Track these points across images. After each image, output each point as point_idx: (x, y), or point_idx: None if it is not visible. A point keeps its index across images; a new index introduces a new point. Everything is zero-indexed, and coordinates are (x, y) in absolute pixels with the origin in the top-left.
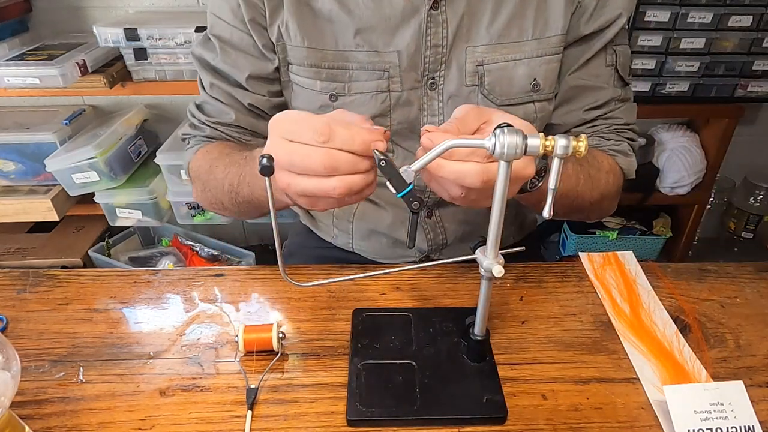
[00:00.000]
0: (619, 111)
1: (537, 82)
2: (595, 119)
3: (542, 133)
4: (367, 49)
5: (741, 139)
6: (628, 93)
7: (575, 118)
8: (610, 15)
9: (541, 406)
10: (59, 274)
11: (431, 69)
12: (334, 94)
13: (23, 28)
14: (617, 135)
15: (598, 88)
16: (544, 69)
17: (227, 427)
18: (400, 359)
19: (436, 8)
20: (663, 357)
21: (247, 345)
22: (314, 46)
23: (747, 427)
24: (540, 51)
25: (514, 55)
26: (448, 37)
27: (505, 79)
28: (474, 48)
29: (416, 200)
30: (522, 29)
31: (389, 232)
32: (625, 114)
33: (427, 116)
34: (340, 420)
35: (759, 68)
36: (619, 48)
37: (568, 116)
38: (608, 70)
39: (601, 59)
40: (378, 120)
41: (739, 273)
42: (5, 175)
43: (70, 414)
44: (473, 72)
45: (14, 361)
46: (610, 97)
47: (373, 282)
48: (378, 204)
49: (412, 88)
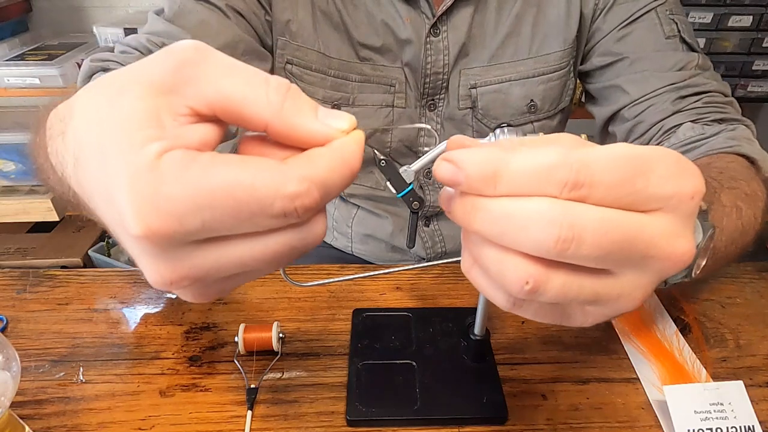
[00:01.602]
0: (702, 77)
1: (534, 102)
2: (678, 95)
3: (542, 133)
4: (373, 63)
5: None
6: (707, 61)
7: (662, 103)
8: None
9: (541, 406)
10: (59, 274)
11: (431, 93)
12: (337, 104)
13: (23, 28)
14: (718, 109)
15: (663, 59)
16: (542, 89)
17: (227, 427)
18: (400, 359)
19: (436, 35)
20: (663, 357)
21: (247, 345)
22: (323, 51)
23: (747, 427)
24: (537, 70)
25: (509, 75)
26: (449, 64)
27: (499, 101)
28: (468, 70)
29: (416, 200)
30: (517, 47)
31: (389, 239)
32: (711, 80)
33: (425, 137)
34: (340, 420)
35: (759, 68)
36: (678, 17)
37: (651, 110)
38: (671, 42)
39: (654, 32)
40: (379, 136)
41: (739, 273)
42: (5, 175)
43: (70, 414)
44: (466, 95)
45: (14, 361)
46: (687, 61)
47: (373, 282)
48: (378, 214)
49: (414, 106)
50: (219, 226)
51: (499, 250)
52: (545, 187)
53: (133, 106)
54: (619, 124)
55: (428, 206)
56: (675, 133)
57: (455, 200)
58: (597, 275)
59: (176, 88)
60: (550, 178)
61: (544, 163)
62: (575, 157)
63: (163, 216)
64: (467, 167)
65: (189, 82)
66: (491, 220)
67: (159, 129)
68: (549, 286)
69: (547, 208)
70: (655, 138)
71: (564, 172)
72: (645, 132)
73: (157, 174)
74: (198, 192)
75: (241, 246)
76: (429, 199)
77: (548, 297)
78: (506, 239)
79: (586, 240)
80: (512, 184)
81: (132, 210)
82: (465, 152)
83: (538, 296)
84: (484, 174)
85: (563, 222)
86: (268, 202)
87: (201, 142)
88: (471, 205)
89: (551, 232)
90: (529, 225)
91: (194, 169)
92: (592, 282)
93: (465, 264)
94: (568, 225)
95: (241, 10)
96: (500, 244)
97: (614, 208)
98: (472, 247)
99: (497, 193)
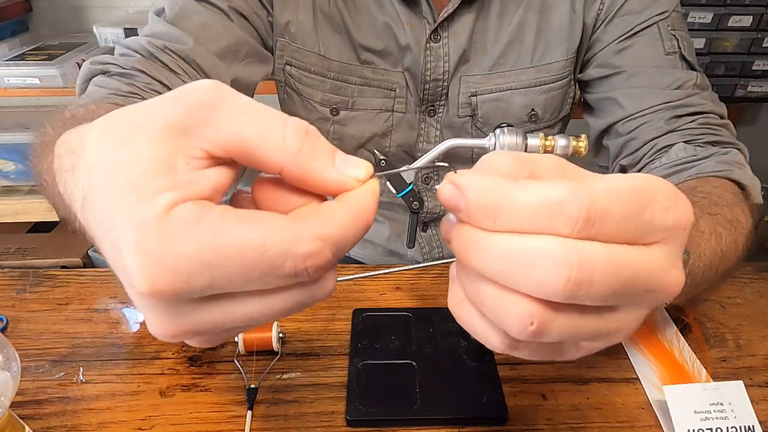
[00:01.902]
0: (699, 97)
1: (534, 111)
2: (673, 114)
3: (542, 134)
4: (374, 66)
5: (741, 139)
6: (705, 80)
7: (656, 121)
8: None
9: (541, 406)
10: (59, 274)
11: (430, 100)
12: (336, 107)
13: (23, 28)
14: (712, 131)
15: (661, 76)
16: (543, 98)
17: (227, 427)
18: (400, 359)
19: (436, 40)
20: (663, 357)
21: (247, 345)
22: (323, 53)
23: (747, 427)
24: (539, 79)
25: (510, 84)
26: (449, 71)
27: (500, 110)
28: (468, 77)
29: (416, 200)
30: (519, 56)
31: (386, 244)
32: (707, 100)
33: (423, 142)
34: (340, 420)
35: (759, 68)
36: (679, 33)
37: (644, 127)
38: (671, 59)
39: (654, 47)
40: (378, 140)
41: (739, 273)
42: (5, 175)
43: (70, 414)
44: (466, 103)
45: (14, 361)
46: (685, 80)
47: (373, 282)
48: (376, 218)
49: (414, 111)
50: (227, 284)
51: (499, 289)
52: (552, 224)
53: (146, 151)
54: (613, 138)
55: (426, 211)
56: (667, 153)
57: (454, 229)
58: (599, 312)
59: (192, 129)
60: (558, 215)
61: (552, 198)
62: (585, 192)
63: (170, 274)
64: (469, 194)
65: (205, 123)
66: (491, 256)
67: (170, 177)
68: (554, 327)
69: (555, 247)
70: (647, 156)
71: (574, 209)
72: (638, 149)
73: (166, 230)
74: (207, 251)
75: (248, 303)
76: (427, 204)
77: (551, 338)
78: (506, 278)
79: (596, 281)
80: (515, 220)
81: (138, 267)
82: (470, 176)
83: (541, 338)
84: (484, 204)
85: (573, 263)
86: (279, 263)
87: (213, 189)
88: (469, 238)
89: (560, 274)
90: (536, 265)
91: (204, 226)
92: (595, 319)
93: (454, 300)
94: (578, 266)
95: (244, 11)
96: (499, 282)
97: (620, 244)
98: (466, 283)
99: (496, 227)
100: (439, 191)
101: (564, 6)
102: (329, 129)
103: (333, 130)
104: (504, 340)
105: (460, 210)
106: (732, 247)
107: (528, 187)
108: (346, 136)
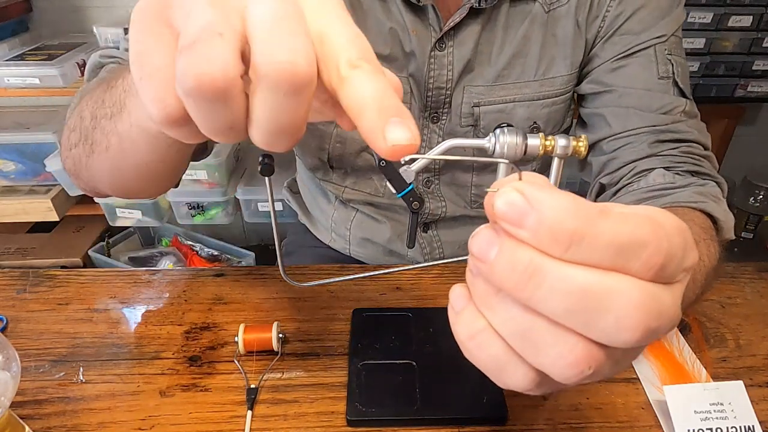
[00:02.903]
0: (685, 124)
1: (537, 125)
2: (657, 138)
3: (542, 134)
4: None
5: (741, 139)
6: (693, 108)
7: (639, 144)
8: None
9: (541, 406)
10: (59, 274)
11: (434, 107)
12: None
13: (23, 28)
14: (693, 161)
15: (650, 99)
16: (546, 111)
17: (227, 427)
18: (400, 359)
19: (441, 49)
20: (663, 357)
21: (247, 345)
22: None
23: (747, 427)
24: (542, 93)
25: (513, 96)
26: (453, 79)
27: (502, 121)
28: (472, 87)
29: (416, 200)
30: (524, 69)
31: (386, 244)
32: (693, 128)
33: (426, 148)
34: (340, 420)
35: (759, 68)
36: (676, 58)
37: (627, 148)
38: (663, 83)
39: (648, 70)
40: None
41: (739, 273)
42: (5, 175)
43: (70, 414)
44: (468, 113)
45: (14, 361)
46: (673, 106)
47: (373, 282)
48: (376, 219)
49: (418, 117)
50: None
51: (555, 327)
52: (630, 263)
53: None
54: (597, 156)
55: (427, 213)
56: (645, 177)
57: (501, 250)
58: (632, 350)
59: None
60: (639, 255)
61: (638, 236)
62: (664, 233)
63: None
64: (545, 211)
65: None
66: (560, 292)
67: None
68: (605, 370)
69: (638, 292)
70: (626, 177)
71: (656, 251)
72: (618, 169)
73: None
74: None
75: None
76: (428, 206)
77: (597, 379)
78: (573, 318)
79: (663, 329)
80: (594, 253)
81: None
82: (544, 191)
83: (590, 379)
84: (563, 229)
85: (653, 310)
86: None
87: None
88: (534, 265)
89: (641, 322)
90: (611, 309)
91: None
92: (625, 358)
93: (468, 330)
94: (657, 314)
95: None
96: (556, 320)
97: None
98: (498, 312)
99: (566, 257)
100: (495, 198)
101: (569, 21)
102: (332, 132)
103: (336, 133)
104: (535, 378)
105: (524, 227)
106: (689, 285)
107: (614, 218)
108: (348, 139)
